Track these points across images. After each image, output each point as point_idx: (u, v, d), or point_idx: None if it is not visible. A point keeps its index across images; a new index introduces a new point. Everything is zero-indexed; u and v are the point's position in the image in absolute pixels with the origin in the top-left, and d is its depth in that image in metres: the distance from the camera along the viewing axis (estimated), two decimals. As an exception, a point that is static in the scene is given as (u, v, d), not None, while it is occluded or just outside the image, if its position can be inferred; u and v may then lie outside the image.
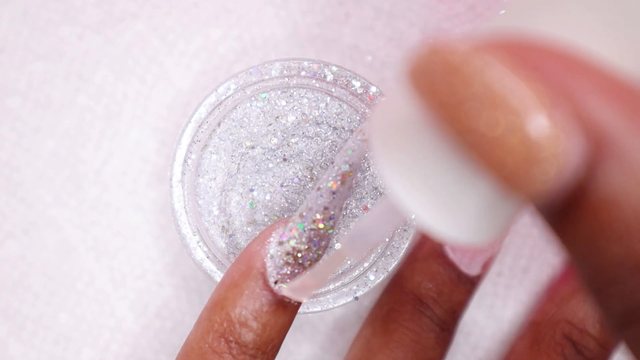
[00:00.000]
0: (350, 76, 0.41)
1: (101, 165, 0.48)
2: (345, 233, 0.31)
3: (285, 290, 0.36)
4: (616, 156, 0.20)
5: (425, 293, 0.44)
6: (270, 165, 0.42)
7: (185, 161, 0.42)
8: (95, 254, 0.48)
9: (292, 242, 0.36)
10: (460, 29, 0.47)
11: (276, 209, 0.43)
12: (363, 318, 0.48)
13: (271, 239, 0.36)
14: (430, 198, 0.22)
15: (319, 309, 0.42)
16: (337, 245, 0.35)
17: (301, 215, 0.36)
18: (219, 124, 0.42)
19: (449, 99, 0.20)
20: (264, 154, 0.42)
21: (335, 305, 0.42)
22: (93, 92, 0.48)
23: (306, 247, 0.36)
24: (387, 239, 0.42)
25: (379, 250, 0.42)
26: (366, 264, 0.42)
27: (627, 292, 0.21)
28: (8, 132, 0.48)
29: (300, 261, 0.36)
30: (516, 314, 0.48)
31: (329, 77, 0.41)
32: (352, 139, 0.37)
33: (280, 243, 0.36)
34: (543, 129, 0.20)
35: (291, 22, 0.48)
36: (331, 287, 0.42)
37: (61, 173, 0.48)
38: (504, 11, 0.24)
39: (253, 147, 0.42)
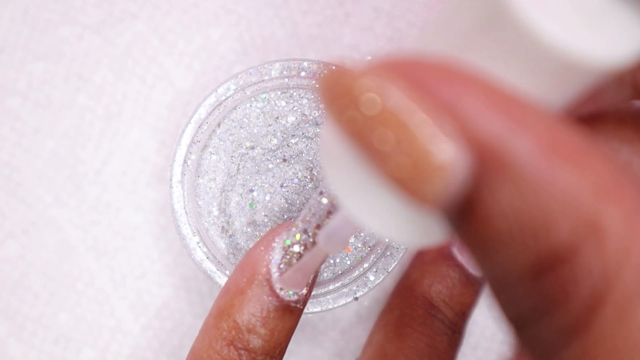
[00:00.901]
0: (350, 77, 0.41)
1: (101, 166, 0.48)
2: (321, 231, 0.33)
3: (280, 281, 0.36)
4: (500, 168, 0.20)
5: (436, 296, 0.44)
6: (270, 165, 0.42)
7: (185, 162, 0.42)
8: (95, 254, 0.48)
9: (296, 248, 0.36)
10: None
11: (276, 209, 0.43)
12: (363, 318, 0.48)
13: (274, 244, 0.36)
14: (364, 204, 0.24)
15: (319, 309, 0.42)
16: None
17: (304, 220, 0.36)
18: (218, 125, 0.42)
19: (345, 118, 0.21)
20: (263, 154, 0.42)
21: (335, 305, 0.42)
22: (93, 92, 0.48)
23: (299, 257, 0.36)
24: (387, 240, 0.42)
25: (379, 251, 0.42)
26: (366, 265, 0.42)
27: (514, 299, 0.21)
28: (8, 132, 0.48)
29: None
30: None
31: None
32: None
33: (285, 249, 0.36)
34: (427, 145, 0.20)
35: (291, 22, 0.48)
36: (331, 287, 0.42)
37: (61, 173, 0.48)
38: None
39: (253, 148, 0.42)
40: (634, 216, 0.20)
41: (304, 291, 0.37)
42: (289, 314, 0.37)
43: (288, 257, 0.36)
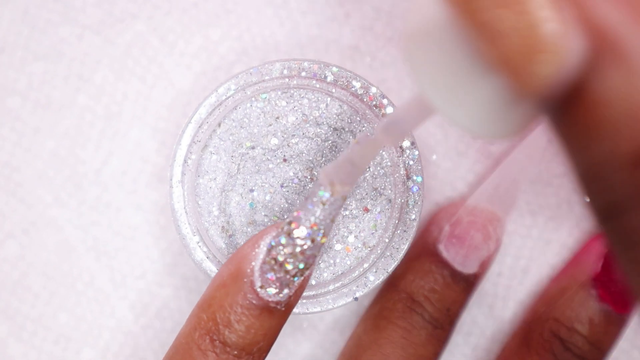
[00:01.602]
0: (350, 77, 0.41)
1: (101, 166, 0.48)
2: (380, 123, 0.32)
3: (320, 176, 0.35)
4: (616, 56, 0.21)
5: (417, 291, 0.44)
6: (271, 165, 0.42)
7: (185, 161, 0.42)
8: (95, 254, 0.48)
9: (280, 250, 0.36)
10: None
11: (276, 209, 0.43)
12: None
13: (261, 243, 0.37)
14: (452, 93, 0.24)
15: (318, 309, 0.42)
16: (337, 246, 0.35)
17: (290, 224, 0.36)
18: (219, 125, 0.42)
19: None
20: (264, 154, 0.42)
21: (335, 305, 0.42)
22: (93, 92, 0.48)
23: (292, 257, 0.36)
24: (386, 240, 0.42)
25: (379, 251, 0.42)
26: (366, 265, 0.42)
27: (610, 187, 0.22)
28: (8, 132, 0.48)
29: (286, 269, 0.36)
30: (516, 314, 0.48)
31: (329, 78, 0.41)
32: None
33: (269, 250, 0.36)
34: (547, 26, 0.21)
35: (291, 22, 0.48)
36: (331, 287, 0.42)
37: (61, 173, 0.48)
38: None
39: (253, 148, 0.42)
40: None
41: (285, 292, 0.36)
42: (268, 314, 0.37)
43: (270, 257, 0.36)
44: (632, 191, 0.22)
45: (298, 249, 0.36)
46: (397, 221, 0.42)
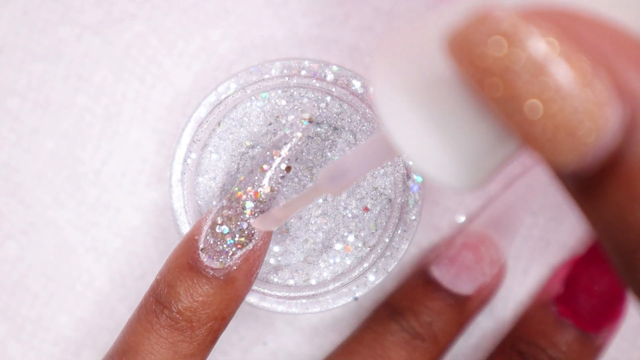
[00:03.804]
0: (350, 76, 0.41)
1: (100, 166, 0.48)
2: (324, 169, 0.32)
3: (254, 222, 0.37)
4: None
5: (401, 303, 0.44)
6: (270, 165, 0.42)
7: (185, 160, 0.42)
8: (94, 254, 0.48)
9: (221, 226, 0.38)
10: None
11: (276, 209, 0.43)
12: (363, 319, 0.48)
13: (214, 210, 0.38)
14: (428, 138, 0.23)
15: (318, 309, 0.42)
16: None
17: (229, 199, 0.38)
18: (219, 124, 0.42)
19: (492, 67, 0.21)
20: (264, 153, 0.42)
21: (335, 305, 0.42)
22: (92, 92, 0.48)
23: (228, 220, 0.38)
24: (387, 240, 0.42)
25: (379, 251, 0.42)
26: (366, 265, 0.42)
27: None
28: (7, 132, 0.48)
29: (223, 232, 0.37)
30: (516, 315, 0.48)
31: (330, 77, 0.41)
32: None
33: (215, 215, 0.38)
34: (585, 100, 0.20)
35: (291, 22, 0.48)
36: (331, 287, 0.42)
37: (60, 174, 0.48)
38: None
39: (253, 147, 0.42)
40: None
41: (222, 259, 0.37)
42: (206, 280, 0.37)
43: (212, 223, 0.38)
44: None
45: (230, 212, 0.38)
46: (397, 221, 0.42)
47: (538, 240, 0.48)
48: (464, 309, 0.44)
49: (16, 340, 0.48)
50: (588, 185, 0.22)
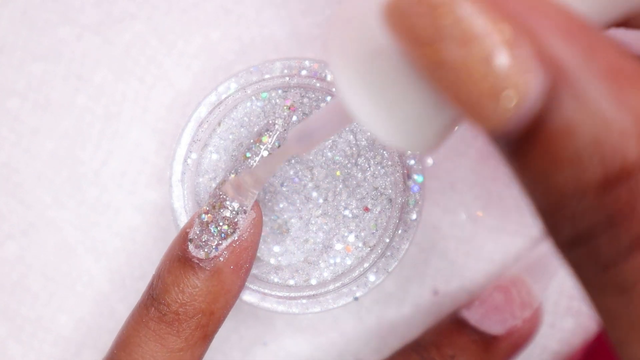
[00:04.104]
0: (350, 76, 0.41)
1: (100, 166, 0.48)
2: (291, 131, 0.34)
3: (227, 188, 0.38)
4: (572, 91, 0.22)
5: (426, 337, 0.45)
6: (271, 165, 0.42)
7: (185, 160, 0.42)
8: (94, 255, 0.48)
9: (205, 214, 0.38)
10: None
11: (276, 209, 0.43)
12: (363, 319, 0.48)
13: (207, 208, 0.39)
14: (376, 104, 0.25)
15: (318, 309, 0.42)
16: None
17: (212, 194, 0.39)
18: (219, 123, 0.42)
19: (423, 35, 0.22)
20: (264, 153, 0.42)
21: (335, 305, 0.42)
22: (92, 92, 0.48)
23: (210, 214, 0.38)
24: (387, 240, 0.42)
25: (379, 251, 0.42)
26: (366, 265, 0.42)
27: (577, 216, 0.23)
28: (7, 132, 0.48)
29: (209, 228, 0.38)
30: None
31: (330, 77, 0.41)
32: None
33: (201, 212, 0.38)
34: (506, 65, 0.22)
35: (291, 22, 0.48)
36: (331, 287, 0.42)
37: (60, 174, 0.48)
38: None
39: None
40: None
41: (207, 250, 0.38)
42: (192, 271, 0.37)
43: (200, 216, 0.38)
44: (601, 216, 0.22)
45: (214, 200, 0.38)
46: (397, 221, 0.42)
47: (538, 242, 0.48)
48: (491, 348, 0.44)
49: (16, 341, 0.48)
50: (515, 148, 0.23)
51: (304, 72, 0.41)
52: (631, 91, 0.22)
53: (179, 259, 0.38)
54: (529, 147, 0.23)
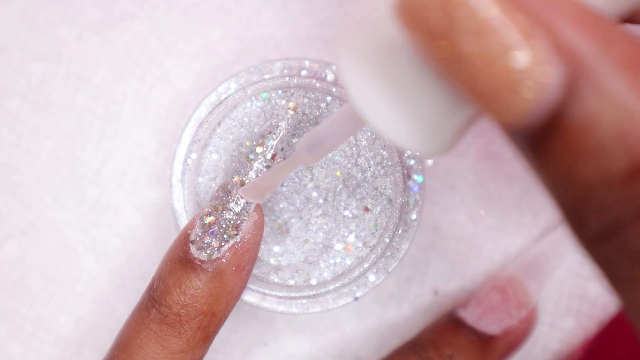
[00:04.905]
0: (350, 76, 0.41)
1: (100, 166, 0.48)
2: (301, 139, 0.33)
3: (241, 190, 0.38)
4: (591, 82, 0.22)
5: (424, 336, 0.45)
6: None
7: (185, 160, 0.42)
8: (94, 255, 0.48)
9: (208, 216, 0.38)
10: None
11: (276, 209, 0.43)
12: (363, 319, 0.48)
13: (209, 210, 0.39)
14: (389, 106, 0.24)
15: (319, 309, 0.42)
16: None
17: (215, 196, 0.39)
18: (219, 124, 0.42)
19: (437, 28, 0.22)
20: (264, 154, 0.42)
21: (335, 305, 0.42)
22: (92, 92, 0.48)
23: (214, 209, 0.38)
24: (387, 240, 0.42)
25: (379, 251, 0.42)
26: (366, 265, 0.42)
27: (600, 209, 0.22)
28: (7, 132, 0.48)
29: (210, 231, 0.38)
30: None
31: (330, 77, 0.41)
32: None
33: (203, 214, 0.38)
34: (524, 56, 0.21)
35: (291, 22, 0.48)
36: (331, 287, 0.42)
37: (60, 174, 0.48)
38: None
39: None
40: None
41: (209, 252, 0.38)
42: (193, 272, 0.37)
43: (202, 218, 0.38)
44: (629, 207, 0.22)
45: (217, 202, 0.38)
46: (397, 221, 0.42)
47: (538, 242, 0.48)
48: (488, 348, 0.44)
49: (16, 341, 0.48)
50: (535, 143, 0.23)
51: (304, 72, 0.41)
52: None
53: (181, 261, 0.38)
54: (549, 141, 0.22)
